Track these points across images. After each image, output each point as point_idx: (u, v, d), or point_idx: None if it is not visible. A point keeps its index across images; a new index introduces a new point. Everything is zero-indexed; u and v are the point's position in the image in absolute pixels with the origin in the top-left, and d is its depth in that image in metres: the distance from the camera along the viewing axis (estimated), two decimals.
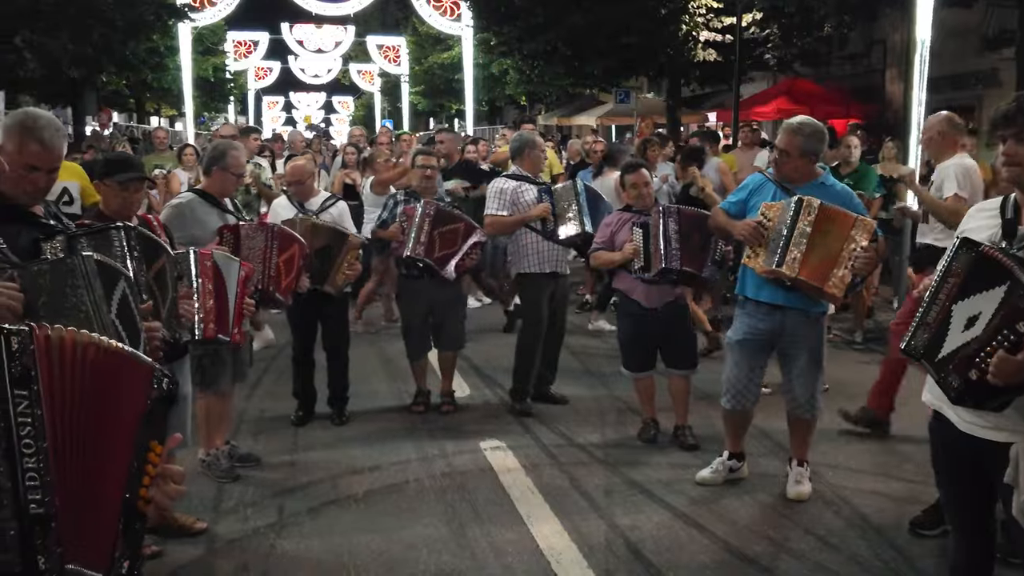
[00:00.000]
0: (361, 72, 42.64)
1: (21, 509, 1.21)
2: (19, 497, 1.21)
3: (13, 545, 1.20)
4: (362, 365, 6.53)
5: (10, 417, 1.22)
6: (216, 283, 3.93)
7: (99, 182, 3.85)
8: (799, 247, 4.03)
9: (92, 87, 20.31)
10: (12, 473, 1.21)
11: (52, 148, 2.67)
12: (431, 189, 5.89)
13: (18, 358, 1.24)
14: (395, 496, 4.54)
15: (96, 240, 2.56)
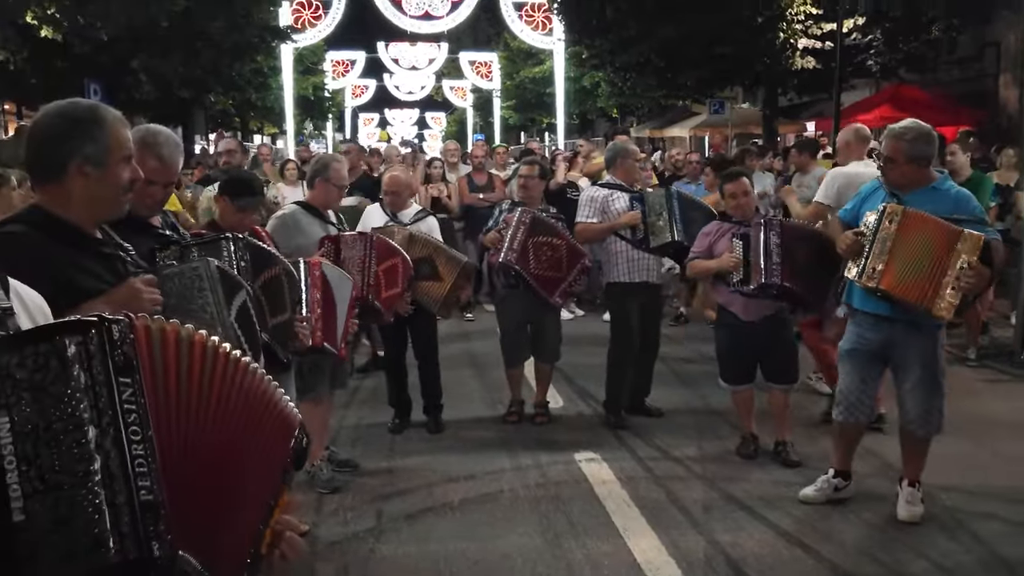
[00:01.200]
0: (454, 88, 43.34)
1: (132, 495, 1.22)
2: (130, 483, 1.22)
3: (128, 531, 1.21)
4: (456, 374, 6.59)
5: (117, 404, 1.24)
6: (325, 294, 4.03)
7: (219, 196, 4.02)
8: (880, 258, 3.87)
9: (201, 107, 21.25)
10: (122, 460, 1.23)
11: (170, 164, 2.79)
12: (534, 199, 5.91)
13: (120, 347, 1.26)
14: (490, 505, 4.55)
15: (207, 250, 2.66)
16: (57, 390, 1.21)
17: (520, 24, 24.75)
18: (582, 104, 28.40)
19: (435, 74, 40.83)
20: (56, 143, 2.09)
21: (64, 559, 1.20)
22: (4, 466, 1.20)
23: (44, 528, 1.19)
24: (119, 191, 2.17)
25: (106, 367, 1.24)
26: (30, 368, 1.21)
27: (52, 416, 1.21)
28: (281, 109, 23.85)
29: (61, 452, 1.21)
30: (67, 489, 1.20)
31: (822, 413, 5.54)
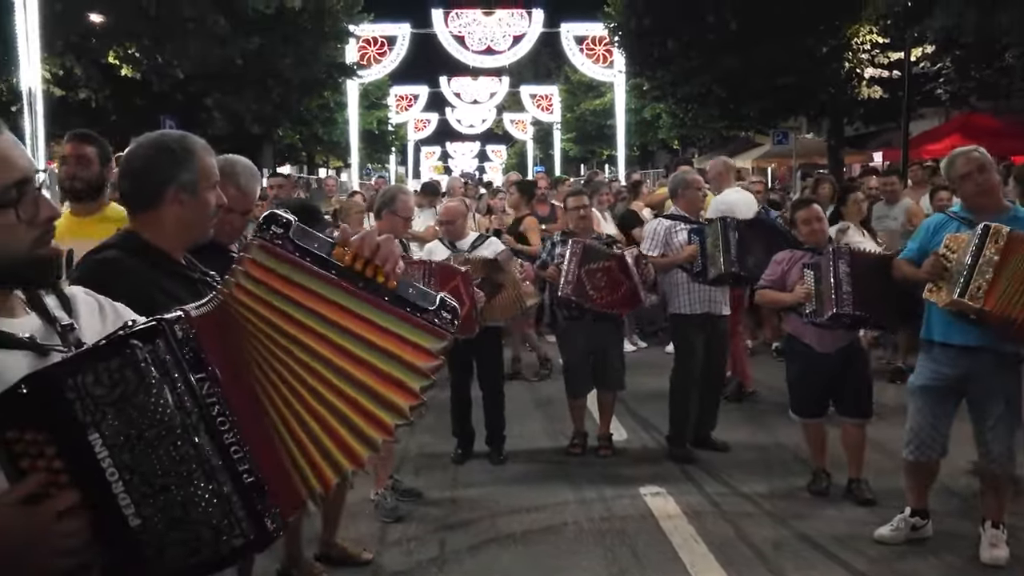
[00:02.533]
0: (514, 121, 43.81)
1: (236, 480, 1.27)
2: (232, 470, 1.27)
3: (242, 514, 1.27)
4: (519, 406, 6.57)
5: (199, 400, 1.27)
6: None
7: None
8: (984, 276, 3.74)
9: (270, 142, 21.89)
10: (219, 451, 1.27)
11: (248, 192, 2.88)
12: (586, 229, 5.92)
13: (186, 344, 1.28)
14: (554, 538, 4.50)
15: None
16: (140, 401, 1.25)
17: (581, 57, 24.94)
18: (643, 136, 28.41)
19: (496, 107, 41.37)
20: (153, 173, 2.19)
21: (190, 553, 1.26)
22: (107, 479, 1.24)
23: (163, 528, 1.25)
24: (208, 217, 2.26)
25: (180, 367, 1.27)
26: (106, 384, 1.24)
27: (142, 425, 1.25)
28: (346, 143, 24.39)
29: (159, 457, 1.25)
30: (175, 490, 1.25)
31: None
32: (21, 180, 1.33)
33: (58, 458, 1.24)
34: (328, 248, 1.37)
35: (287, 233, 1.36)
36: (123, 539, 1.25)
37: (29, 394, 1.23)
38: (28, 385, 1.23)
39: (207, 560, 1.28)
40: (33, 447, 1.23)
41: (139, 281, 2.12)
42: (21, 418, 1.23)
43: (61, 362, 1.29)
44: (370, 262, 1.37)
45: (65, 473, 1.24)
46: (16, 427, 1.23)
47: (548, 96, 35.82)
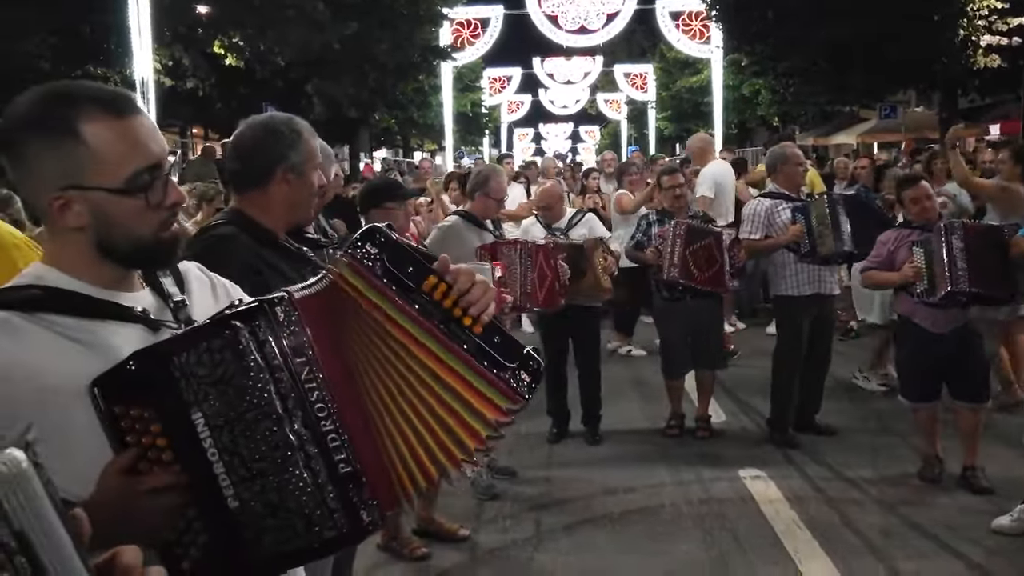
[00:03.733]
0: (608, 101, 43.31)
1: (332, 470, 1.24)
2: (328, 458, 1.24)
3: (336, 505, 1.24)
4: (615, 386, 6.51)
5: (298, 385, 1.24)
6: None
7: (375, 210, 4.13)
8: None
9: (366, 126, 22.30)
10: (316, 439, 1.24)
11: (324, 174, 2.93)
12: (682, 208, 5.79)
13: (287, 326, 1.25)
14: (651, 519, 4.45)
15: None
16: (239, 382, 1.23)
17: (677, 33, 24.41)
18: (741, 113, 27.64)
19: (589, 87, 40.96)
20: (262, 153, 2.26)
21: (285, 540, 1.25)
22: (208, 458, 1.24)
23: (260, 513, 1.24)
24: (311, 197, 2.32)
25: (280, 350, 1.24)
26: (208, 364, 1.23)
27: (241, 407, 1.23)
28: (441, 126, 24.62)
29: (257, 441, 1.24)
30: (271, 477, 1.24)
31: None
32: (153, 165, 1.34)
33: (162, 436, 1.24)
34: (420, 276, 1.32)
35: (380, 254, 1.32)
36: (222, 519, 1.24)
37: (137, 371, 1.24)
38: (136, 362, 1.24)
39: (302, 549, 1.26)
40: (140, 423, 1.24)
41: (250, 256, 2.20)
42: (128, 394, 1.24)
43: (167, 340, 1.30)
44: (459, 302, 1.32)
45: (168, 451, 1.24)
46: (123, 403, 1.24)
47: (642, 74, 35.22)
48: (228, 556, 1.26)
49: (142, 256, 1.37)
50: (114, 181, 1.31)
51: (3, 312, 1.27)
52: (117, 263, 1.36)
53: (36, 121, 1.30)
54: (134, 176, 1.31)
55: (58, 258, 1.35)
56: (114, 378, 1.24)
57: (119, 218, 1.32)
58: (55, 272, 1.34)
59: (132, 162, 1.32)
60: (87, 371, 1.24)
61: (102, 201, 1.31)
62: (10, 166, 1.34)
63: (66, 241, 1.34)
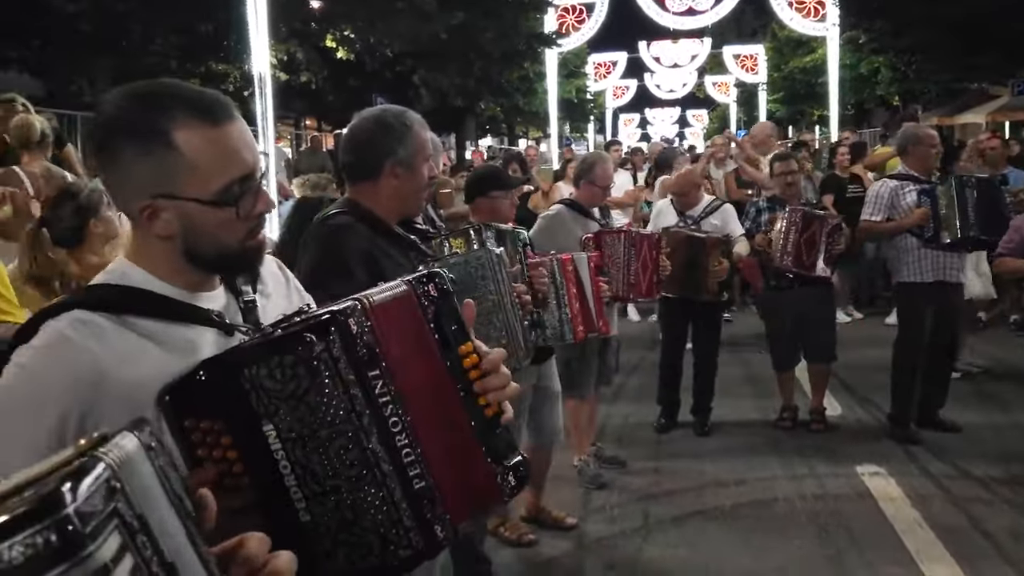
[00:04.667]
0: (716, 84, 42.24)
1: (407, 487, 1.21)
2: (403, 475, 1.20)
3: (411, 523, 1.21)
4: (725, 376, 6.36)
5: (373, 400, 1.20)
6: (578, 285, 4.04)
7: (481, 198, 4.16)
8: None
9: (472, 114, 22.50)
10: (390, 455, 1.20)
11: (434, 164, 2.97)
12: (795, 195, 5.60)
13: (360, 338, 1.20)
14: (763, 513, 4.34)
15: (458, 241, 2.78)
16: (312, 399, 1.19)
17: (790, 12, 23.51)
18: (858, 93, 26.50)
19: (697, 71, 40.04)
20: (373, 146, 2.32)
21: (359, 557, 1.22)
22: (280, 471, 1.21)
23: (333, 529, 1.21)
24: (421, 189, 2.36)
25: (354, 364, 1.19)
26: (279, 379, 1.19)
27: (313, 424, 1.19)
28: (545, 113, 24.58)
29: (331, 458, 1.20)
30: (345, 494, 1.20)
31: None
32: (245, 176, 1.30)
33: (233, 448, 1.21)
34: (460, 339, 1.33)
35: (437, 301, 1.33)
36: (294, 534, 1.19)
37: (206, 381, 1.21)
38: (206, 372, 1.22)
39: (374, 567, 1.22)
40: (210, 436, 1.21)
41: (366, 244, 2.26)
42: (198, 405, 1.21)
43: (238, 350, 1.27)
44: (483, 380, 1.33)
45: (239, 463, 1.21)
46: (194, 415, 1.21)
47: (753, 56, 34.15)
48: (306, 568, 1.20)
49: (227, 264, 1.36)
50: (206, 192, 1.27)
51: (88, 313, 1.26)
52: (201, 269, 1.34)
53: (129, 126, 1.26)
54: (226, 188, 1.28)
55: (143, 257, 1.34)
56: (184, 388, 1.21)
57: (207, 228, 1.29)
58: (139, 271, 1.33)
59: (225, 173, 1.28)
60: (167, 374, 1.23)
61: (192, 211, 1.28)
62: (102, 168, 1.33)
63: (152, 244, 1.32)
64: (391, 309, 1.28)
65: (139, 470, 0.71)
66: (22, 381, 1.24)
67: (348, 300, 1.24)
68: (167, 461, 0.76)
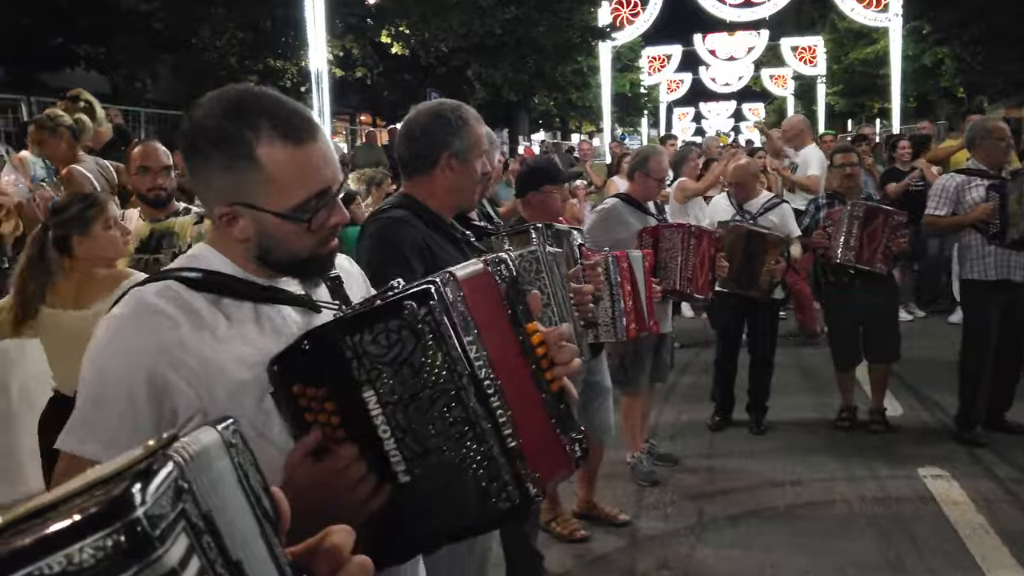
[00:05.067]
0: (773, 77, 41.52)
1: (503, 445, 1.26)
2: (499, 434, 1.26)
3: (508, 479, 1.26)
4: (781, 374, 6.26)
5: (470, 362, 1.26)
6: (632, 283, 4.01)
7: (534, 193, 4.15)
8: None
9: (525, 109, 22.49)
10: (488, 414, 1.26)
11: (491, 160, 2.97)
12: (855, 189, 5.47)
13: (456, 305, 1.27)
14: (820, 515, 4.26)
15: (515, 239, 2.77)
16: (416, 360, 1.25)
17: (851, 2, 22.99)
18: (921, 85, 25.78)
19: (753, 63, 39.38)
20: (428, 139, 2.32)
21: (457, 515, 1.28)
22: (380, 435, 1.27)
23: (431, 488, 1.27)
24: (475, 184, 2.36)
25: (454, 329, 1.26)
26: (384, 344, 1.25)
27: (416, 386, 1.25)
28: (599, 107, 24.46)
29: (432, 418, 1.26)
30: (446, 452, 1.26)
31: None
32: (322, 192, 1.34)
33: (335, 414, 1.27)
34: (527, 317, 1.41)
35: (508, 279, 1.41)
36: (392, 496, 1.27)
37: (310, 350, 1.27)
38: (310, 342, 1.28)
39: (472, 523, 1.28)
40: (314, 402, 1.28)
41: (421, 237, 2.27)
42: (304, 373, 1.27)
43: (339, 320, 1.32)
44: (548, 354, 1.39)
45: (340, 429, 1.27)
46: (300, 382, 1.27)
47: (811, 47, 33.48)
48: (400, 529, 1.29)
49: (297, 269, 1.41)
50: (282, 206, 1.32)
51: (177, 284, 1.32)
52: (273, 270, 1.39)
53: (216, 135, 1.31)
54: (302, 204, 1.32)
55: (223, 247, 1.40)
56: (290, 358, 1.28)
57: (280, 237, 1.34)
58: (221, 257, 1.39)
59: (303, 190, 1.32)
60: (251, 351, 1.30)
61: (267, 221, 1.33)
62: (189, 170, 1.39)
63: (230, 241, 1.38)
64: (474, 283, 1.34)
65: (215, 466, 0.72)
66: (109, 351, 1.29)
67: (438, 273, 1.30)
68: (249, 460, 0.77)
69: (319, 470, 1.26)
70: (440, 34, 14.80)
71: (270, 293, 1.38)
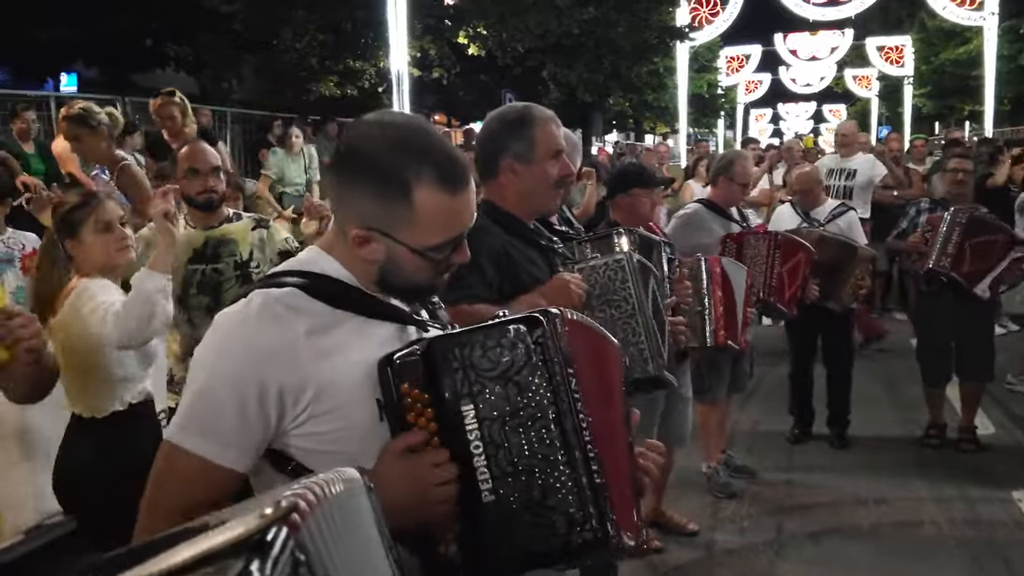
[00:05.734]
0: (857, 77, 40.31)
1: (590, 478, 1.27)
2: (588, 466, 1.27)
3: (593, 511, 1.26)
4: (864, 387, 6.05)
5: (570, 393, 1.27)
6: (725, 290, 3.92)
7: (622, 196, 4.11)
8: None
9: (600, 110, 22.34)
10: (580, 445, 1.27)
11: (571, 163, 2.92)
12: (963, 196, 5.23)
13: (562, 338, 1.29)
14: (907, 536, 4.10)
15: (599, 245, 2.72)
16: (523, 380, 1.27)
17: (943, 1, 22.16)
18: (1017, 87, 24.69)
19: (836, 63, 38.33)
20: (490, 143, 2.33)
21: (539, 538, 1.26)
22: (471, 450, 1.27)
23: (515, 508, 1.26)
24: (546, 187, 2.31)
25: (559, 358, 1.28)
26: (494, 360, 1.27)
27: (519, 404, 1.27)
28: (675, 108, 24.14)
29: (530, 438, 1.26)
30: (538, 473, 1.26)
31: None
32: (458, 236, 1.38)
33: (434, 421, 1.29)
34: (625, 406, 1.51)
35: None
36: (475, 511, 1.27)
37: (423, 356, 1.30)
38: (423, 348, 1.30)
39: (553, 550, 1.27)
40: (418, 405, 1.30)
41: (499, 245, 2.26)
42: (412, 376, 1.30)
43: (454, 333, 1.35)
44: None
45: (436, 437, 1.29)
46: (407, 383, 1.30)
47: (899, 47, 32.34)
48: (478, 548, 1.28)
49: (411, 295, 1.44)
50: (420, 244, 1.35)
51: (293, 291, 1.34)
52: (386, 292, 1.42)
53: (375, 166, 1.33)
54: (440, 245, 1.36)
55: (341, 256, 1.41)
56: (401, 359, 1.30)
57: (407, 268, 1.37)
58: (334, 263, 1.40)
59: (443, 234, 1.35)
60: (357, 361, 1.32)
61: (401, 253, 1.35)
62: (335, 182, 1.40)
63: (352, 257, 1.39)
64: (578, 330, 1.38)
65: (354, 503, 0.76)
66: (225, 348, 1.31)
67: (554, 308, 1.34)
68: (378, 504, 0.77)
69: (414, 462, 1.27)
70: (517, 34, 14.81)
71: (384, 309, 1.40)
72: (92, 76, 13.64)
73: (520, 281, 2.28)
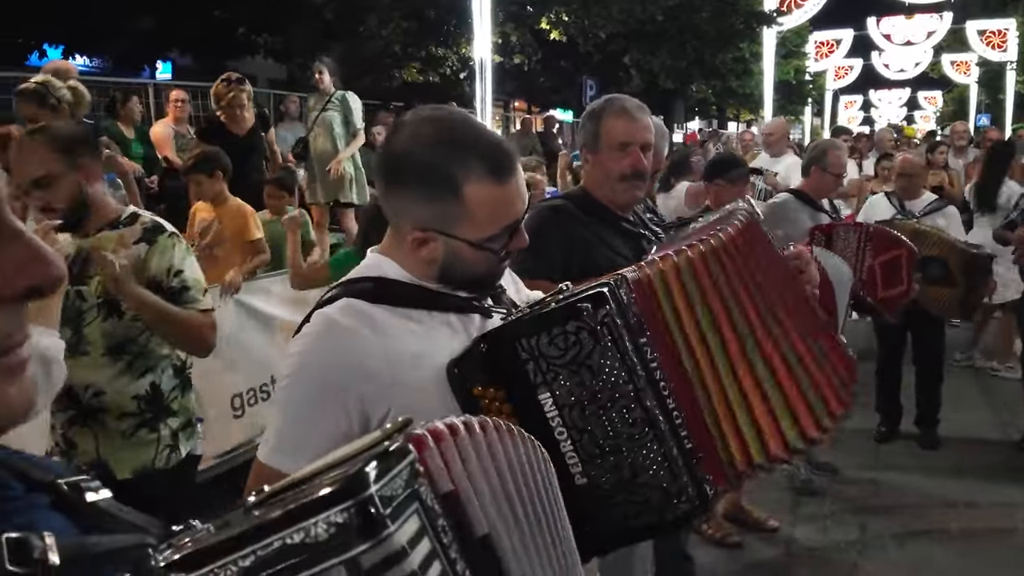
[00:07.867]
0: (955, 63, 38.59)
1: (681, 445, 1.26)
2: (677, 435, 1.27)
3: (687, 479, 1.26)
4: (957, 387, 5.84)
5: (647, 364, 1.26)
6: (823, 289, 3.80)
7: (708, 184, 4.11)
8: None
9: (681, 97, 22.01)
10: (665, 415, 1.26)
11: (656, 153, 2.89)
12: None
13: (630, 307, 1.27)
14: (999, 542, 3.96)
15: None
16: (595, 362, 1.26)
17: None
18: None
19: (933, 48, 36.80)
20: (579, 131, 2.53)
21: (636, 514, 1.27)
22: (556, 438, 1.27)
23: (609, 489, 1.27)
24: (611, 178, 2.35)
25: (630, 331, 1.26)
26: (561, 346, 1.26)
27: (595, 387, 1.26)
28: (760, 95, 23.58)
29: (611, 419, 1.26)
30: (624, 452, 1.26)
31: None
32: (513, 224, 1.37)
33: (513, 415, 1.28)
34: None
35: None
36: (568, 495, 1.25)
37: (487, 353, 1.30)
38: (487, 344, 1.30)
39: (651, 523, 1.27)
40: (495, 403, 1.30)
41: (577, 228, 2.30)
42: (482, 375, 1.30)
43: (514, 322, 1.32)
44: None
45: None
46: (479, 384, 1.30)
47: (1002, 31, 30.81)
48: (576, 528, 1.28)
49: (473, 285, 1.43)
50: (477, 237, 1.35)
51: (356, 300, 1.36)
52: (448, 286, 1.42)
53: (422, 169, 1.33)
54: (497, 235, 1.35)
55: (401, 259, 1.42)
56: (468, 360, 1.31)
57: (467, 262, 1.37)
58: (394, 266, 1.41)
59: (498, 223, 1.35)
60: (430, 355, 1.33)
61: (458, 248, 1.35)
62: (385, 186, 1.40)
63: (414, 259, 1.40)
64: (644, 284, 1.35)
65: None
66: (302, 369, 1.35)
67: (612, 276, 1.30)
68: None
69: None
70: (599, 20, 14.69)
71: (444, 300, 1.41)
72: (186, 64, 14.12)
73: (594, 264, 2.28)
